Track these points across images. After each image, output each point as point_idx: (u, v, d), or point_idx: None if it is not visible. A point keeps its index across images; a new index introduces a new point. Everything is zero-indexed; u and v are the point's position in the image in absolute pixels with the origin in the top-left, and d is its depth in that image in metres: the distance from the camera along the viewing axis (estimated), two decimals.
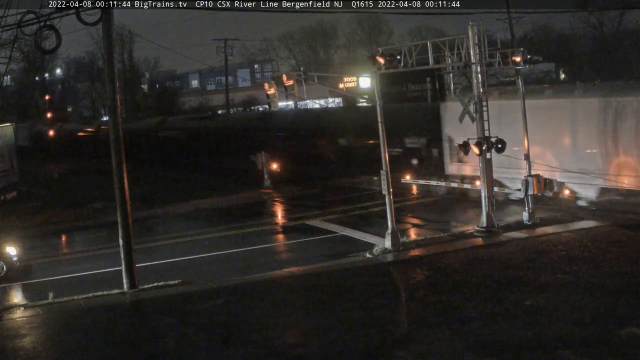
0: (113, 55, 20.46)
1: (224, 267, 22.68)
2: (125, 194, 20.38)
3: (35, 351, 15.98)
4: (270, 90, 23.57)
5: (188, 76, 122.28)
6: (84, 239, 29.73)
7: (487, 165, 23.88)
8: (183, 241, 27.22)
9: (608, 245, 20.98)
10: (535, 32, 79.05)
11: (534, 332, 14.57)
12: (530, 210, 24.60)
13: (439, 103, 33.28)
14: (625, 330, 14.36)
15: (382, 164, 23.29)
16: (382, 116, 23.33)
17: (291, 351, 14.80)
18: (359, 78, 43.92)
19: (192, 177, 46.38)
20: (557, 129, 26.99)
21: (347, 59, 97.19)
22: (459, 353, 13.91)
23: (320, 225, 28.15)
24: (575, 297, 16.61)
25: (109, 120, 20.73)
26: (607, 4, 62.46)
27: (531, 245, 21.92)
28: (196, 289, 19.86)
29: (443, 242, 23.24)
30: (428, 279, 19.36)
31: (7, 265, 22.79)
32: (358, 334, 15.31)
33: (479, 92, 23.74)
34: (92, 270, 23.46)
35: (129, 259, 20.38)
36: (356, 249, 23.43)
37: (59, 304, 19.20)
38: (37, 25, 18.62)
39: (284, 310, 17.69)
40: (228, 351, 15.04)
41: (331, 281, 19.75)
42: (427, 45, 24.35)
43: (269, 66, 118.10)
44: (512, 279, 18.38)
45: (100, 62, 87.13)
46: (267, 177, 38.72)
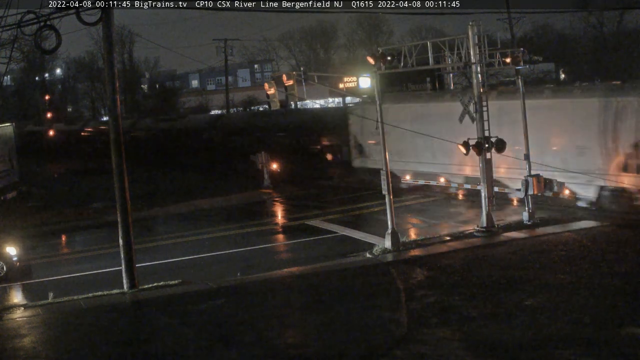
0: (113, 55, 20.46)
1: (224, 267, 22.68)
2: (125, 194, 20.38)
3: (35, 351, 15.98)
4: (270, 90, 23.58)
5: (188, 76, 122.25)
6: (84, 239, 29.74)
7: (487, 165, 23.89)
8: (183, 241, 27.23)
9: (608, 245, 20.99)
10: (535, 32, 79.09)
11: (534, 332, 14.57)
12: (530, 210, 24.61)
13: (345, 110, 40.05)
14: (625, 330, 14.37)
15: (382, 164, 23.30)
16: (382, 116, 23.36)
17: (291, 351, 14.80)
18: (359, 78, 43.89)
19: (192, 177, 46.37)
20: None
21: (347, 59, 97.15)
22: (459, 353, 13.91)
23: (320, 225, 28.15)
24: (575, 297, 16.62)
25: (109, 120, 20.73)
26: (607, 4, 62.50)
27: (531, 245, 21.92)
28: (196, 289, 19.86)
29: (443, 242, 23.26)
30: (428, 279, 19.36)
31: (7, 265, 22.78)
32: (358, 334, 15.31)
33: (479, 92, 23.75)
34: (92, 270, 23.46)
35: (129, 259, 20.38)
36: (356, 249, 23.44)
37: (59, 304, 19.20)
38: (37, 25, 18.64)
39: (284, 310, 17.69)
40: (228, 351, 15.04)
41: (331, 281, 19.76)
42: (427, 45, 24.37)
43: (269, 66, 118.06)
44: (512, 279, 18.39)
45: (100, 62, 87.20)
46: (267, 177, 38.73)
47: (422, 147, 30.85)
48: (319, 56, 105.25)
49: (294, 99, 22.87)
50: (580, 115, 26.16)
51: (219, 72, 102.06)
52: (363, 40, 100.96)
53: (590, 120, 25.69)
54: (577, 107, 26.48)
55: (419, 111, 32.06)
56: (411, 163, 32.16)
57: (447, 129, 27.10)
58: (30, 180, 47.40)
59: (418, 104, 33.10)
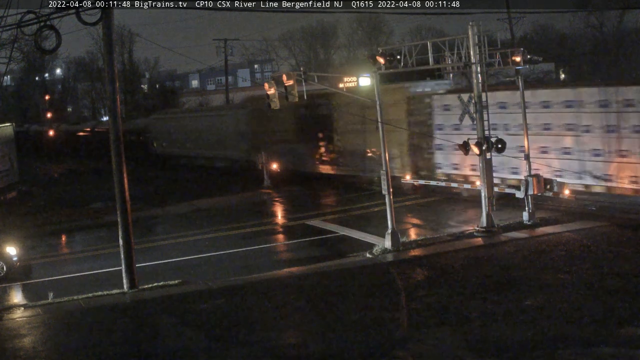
0: (113, 55, 20.46)
1: (224, 267, 22.69)
2: (125, 194, 20.38)
3: (35, 351, 15.98)
4: (270, 90, 23.56)
5: (188, 76, 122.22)
6: (84, 239, 29.74)
7: (487, 165, 23.87)
8: (183, 241, 27.23)
9: (608, 245, 20.98)
10: (535, 32, 79.15)
11: (534, 332, 14.57)
12: (530, 210, 24.60)
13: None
14: (625, 330, 14.36)
15: (382, 164, 23.31)
16: (382, 116, 23.36)
17: (291, 351, 14.80)
18: (359, 78, 43.93)
19: (192, 177, 46.40)
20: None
21: (347, 59, 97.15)
22: (459, 353, 13.92)
23: (320, 225, 28.15)
24: (576, 297, 16.61)
25: (109, 120, 20.74)
26: (607, 4, 62.50)
27: (531, 245, 21.91)
28: (196, 289, 19.85)
29: (443, 242, 23.25)
30: (428, 279, 19.36)
31: (7, 265, 22.78)
32: (358, 334, 15.31)
33: (479, 92, 23.73)
34: (92, 270, 23.47)
35: (129, 259, 20.38)
36: (356, 249, 23.43)
37: (59, 304, 19.21)
38: (37, 25, 18.64)
39: (284, 310, 17.69)
40: (228, 351, 15.04)
41: (331, 281, 19.75)
42: (427, 45, 24.35)
43: (269, 66, 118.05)
44: (512, 279, 18.39)
45: (100, 62, 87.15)
46: (267, 177, 38.73)
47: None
48: (319, 56, 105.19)
49: (293, 99, 22.81)
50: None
51: (219, 72, 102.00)
52: (363, 40, 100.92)
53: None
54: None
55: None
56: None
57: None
58: (30, 180, 47.44)
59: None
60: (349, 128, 35.37)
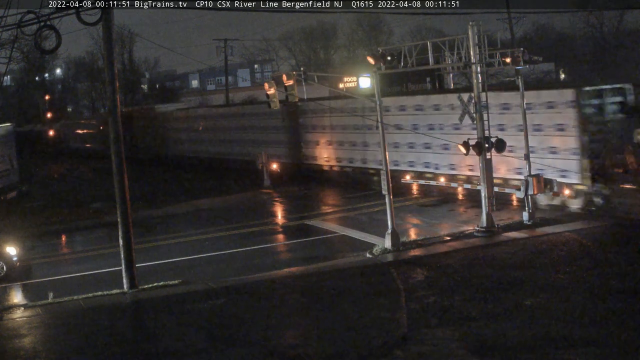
0: (113, 55, 20.48)
1: (224, 267, 22.69)
2: (125, 194, 20.39)
3: (35, 351, 15.99)
4: (270, 90, 23.56)
5: (188, 76, 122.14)
6: (84, 239, 29.73)
7: (487, 165, 23.86)
8: (183, 241, 27.22)
9: (608, 246, 20.99)
10: (535, 32, 79.04)
11: (534, 332, 14.58)
12: (530, 210, 24.60)
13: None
14: (625, 330, 14.36)
15: (382, 164, 23.31)
16: (382, 116, 23.36)
17: (291, 351, 14.80)
18: (359, 78, 43.85)
19: (192, 177, 46.35)
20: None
21: (347, 59, 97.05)
22: (459, 353, 13.92)
23: (320, 225, 28.15)
24: (575, 297, 16.62)
25: (109, 120, 20.73)
26: (607, 4, 62.42)
27: (531, 245, 21.92)
28: (196, 289, 19.86)
29: (443, 242, 23.25)
30: (428, 279, 19.36)
31: (7, 265, 22.79)
32: (358, 334, 15.31)
33: (479, 92, 23.73)
34: (92, 270, 23.47)
35: (129, 259, 20.39)
36: (356, 249, 23.44)
37: (59, 304, 19.22)
38: (37, 25, 18.63)
39: (284, 310, 17.70)
40: (228, 351, 15.05)
41: (331, 281, 19.75)
42: (427, 45, 24.36)
43: (269, 66, 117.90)
44: (512, 279, 18.39)
45: (100, 62, 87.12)
46: (267, 177, 38.71)
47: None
48: (319, 56, 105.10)
49: (293, 99, 22.81)
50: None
51: (219, 72, 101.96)
52: (363, 40, 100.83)
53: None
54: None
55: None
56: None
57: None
58: (30, 180, 47.41)
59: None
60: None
